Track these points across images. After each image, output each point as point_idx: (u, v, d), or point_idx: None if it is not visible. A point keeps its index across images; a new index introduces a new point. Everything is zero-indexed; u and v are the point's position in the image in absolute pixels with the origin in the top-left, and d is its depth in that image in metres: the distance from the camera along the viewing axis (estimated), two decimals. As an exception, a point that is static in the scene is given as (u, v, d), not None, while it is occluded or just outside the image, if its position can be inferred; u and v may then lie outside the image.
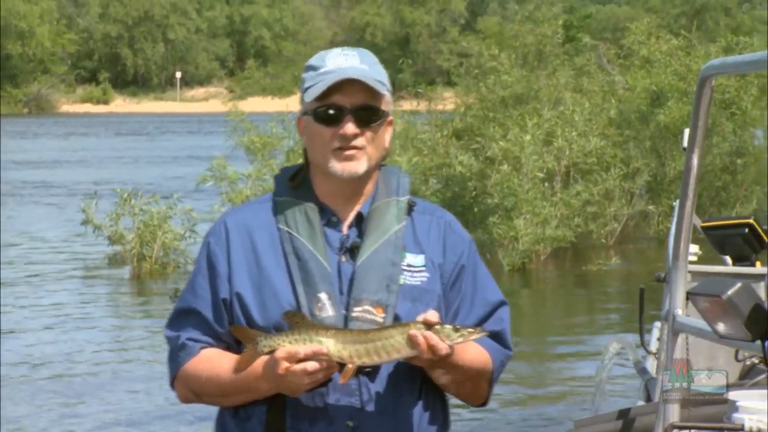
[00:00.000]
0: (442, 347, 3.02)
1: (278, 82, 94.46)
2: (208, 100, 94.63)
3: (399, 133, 20.39)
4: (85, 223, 18.10)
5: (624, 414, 5.18)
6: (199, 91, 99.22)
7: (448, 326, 3.04)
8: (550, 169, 19.30)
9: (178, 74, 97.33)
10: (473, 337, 3.07)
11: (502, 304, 3.33)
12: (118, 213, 17.93)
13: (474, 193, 18.63)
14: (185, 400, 3.30)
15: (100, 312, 15.38)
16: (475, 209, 18.51)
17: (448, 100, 23.22)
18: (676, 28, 24.71)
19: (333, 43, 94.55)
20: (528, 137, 18.65)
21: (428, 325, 3.02)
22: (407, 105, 24.29)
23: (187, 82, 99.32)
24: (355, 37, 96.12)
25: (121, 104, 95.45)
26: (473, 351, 3.20)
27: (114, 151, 46.89)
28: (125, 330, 14.19)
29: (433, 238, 3.28)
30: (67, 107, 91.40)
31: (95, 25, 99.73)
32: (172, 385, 3.30)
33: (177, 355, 3.24)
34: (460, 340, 3.05)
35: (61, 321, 14.59)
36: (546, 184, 19.28)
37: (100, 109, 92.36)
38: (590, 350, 12.60)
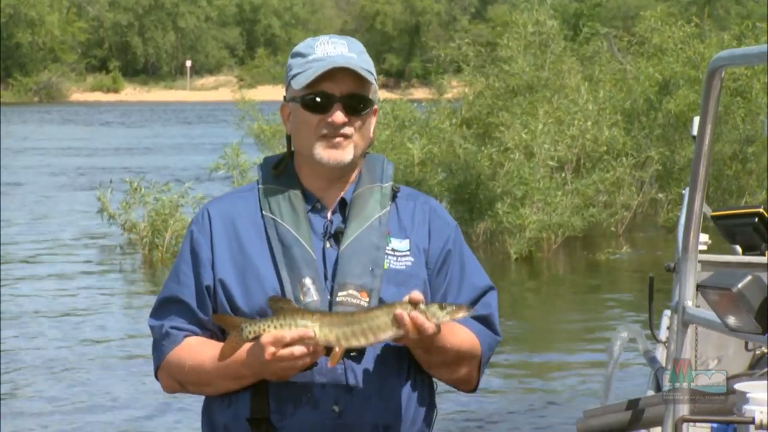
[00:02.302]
0: (429, 326, 2.99)
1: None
2: (218, 89, 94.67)
3: (411, 121, 20.38)
4: (100, 211, 18.14)
5: (633, 404, 5.16)
6: (209, 80, 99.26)
7: (434, 305, 3.02)
8: (561, 157, 19.27)
9: (188, 63, 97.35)
10: (459, 315, 3.04)
11: (489, 288, 3.33)
12: (129, 202, 17.96)
13: (479, 181, 18.60)
14: (169, 389, 3.28)
15: (110, 299, 15.39)
16: (482, 197, 18.48)
17: (456, 89, 23.20)
18: (687, 17, 24.55)
19: (343, 32, 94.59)
20: (540, 126, 18.63)
21: (414, 305, 3.00)
22: (418, 94, 24.25)
23: (197, 71, 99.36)
24: (365, 26, 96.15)
25: (131, 93, 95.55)
26: (461, 334, 3.18)
27: (124, 140, 46.93)
28: (136, 318, 14.18)
29: (417, 223, 3.28)
30: (77, 96, 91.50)
31: (105, 13, 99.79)
32: (156, 375, 3.28)
33: (161, 344, 3.23)
34: (447, 318, 3.02)
35: (72, 308, 14.62)
36: (556, 173, 19.25)
37: (110, 97, 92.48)
38: (599, 339, 12.59)
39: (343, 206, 3.25)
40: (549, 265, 18.17)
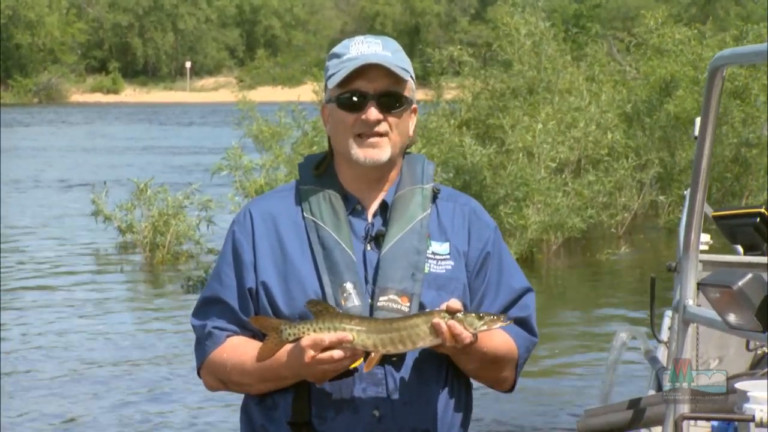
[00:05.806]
0: (466, 336, 3.00)
1: (288, 71, 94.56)
2: (218, 90, 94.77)
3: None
4: (95, 214, 18.10)
5: (635, 403, 5.17)
6: (209, 81, 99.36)
7: (471, 314, 3.03)
8: (563, 159, 19.25)
9: (188, 64, 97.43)
10: (497, 325, 3.05)
11: (527, 290, 3.36)
12: (134, 203, 17.91)
13: (483, 182, 18.60)
14: (212, 388, 3.31)
15: (111, 301, 15.37)
16: (485, 198, 18.47)
17: (456, 90, 23.19)
18: (687, 18, 24.61)
19: (343, 33, 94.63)
20: (539, 126, 18.61)
21: (452, 313, 3.01)
22: (418, 95, 24.23)
23: (197, 72, 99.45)
24: (365, 27, 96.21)
25: (131, 94, 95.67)
26: (498, 338, 3.20)
27: (124, 141, 46.93)
28: (138, 319, 14.19)
29: (457, 226, 3.28)
30: (77, 97, 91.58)
31: (105, 14, 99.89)
32: (199, 373, 3.31)
33: (203, 343, 3.25)
34: (484, 328, 3.03)
35: (73, 309, 14.61)
36: (556, 174, 19.23)
37: (110, 98, 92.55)
38: (600, 339, 12.59)
39: (384, 208, 3.25)
40: (550, 265, 18.18)
